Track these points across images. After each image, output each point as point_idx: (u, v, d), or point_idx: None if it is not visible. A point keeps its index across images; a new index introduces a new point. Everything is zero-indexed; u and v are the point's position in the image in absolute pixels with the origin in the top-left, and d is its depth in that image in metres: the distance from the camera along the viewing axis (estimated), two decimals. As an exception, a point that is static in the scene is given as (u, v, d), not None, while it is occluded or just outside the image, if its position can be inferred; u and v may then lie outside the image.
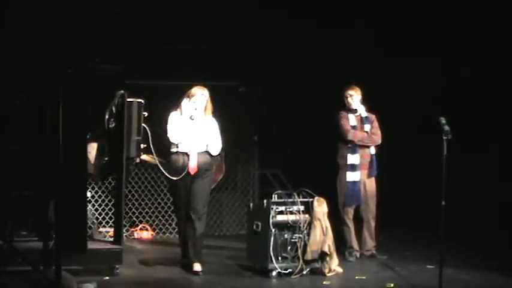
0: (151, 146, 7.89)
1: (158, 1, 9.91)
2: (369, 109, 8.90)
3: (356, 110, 8.82)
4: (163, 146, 7.99)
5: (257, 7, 10.08)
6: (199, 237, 7.92)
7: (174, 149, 7.94)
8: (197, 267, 7.85)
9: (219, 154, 8.08)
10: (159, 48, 9.93)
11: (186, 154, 7.90)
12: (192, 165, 7.86)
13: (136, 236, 10.15)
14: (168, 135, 7.92)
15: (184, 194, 7.94)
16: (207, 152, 7.96)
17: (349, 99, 8.81)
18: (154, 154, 7.90)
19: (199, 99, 7.96)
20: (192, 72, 9.11)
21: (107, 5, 8.94)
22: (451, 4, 9.87)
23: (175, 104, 8.08)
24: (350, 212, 8.80)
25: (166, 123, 7.97)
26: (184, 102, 8.00)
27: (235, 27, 10.10)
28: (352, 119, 8.79)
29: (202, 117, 7.97)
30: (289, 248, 7.82)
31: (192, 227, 7.90)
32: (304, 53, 10.51)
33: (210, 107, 8.03)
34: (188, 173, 7.86)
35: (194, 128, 7.92)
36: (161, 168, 7.96)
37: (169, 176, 7.91)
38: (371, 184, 8.82)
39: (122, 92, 7.81)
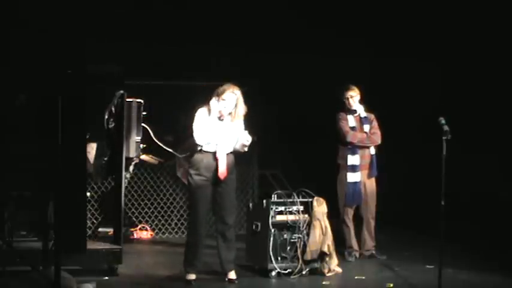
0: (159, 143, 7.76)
1: (158, 1, 9.92)
2: (368, 109, 8.89)
3: (355, 110, 8.81)
4: (187, 143, 7.64)
5: (257, 8, 10.09)
6: (234, 244, 7.65)
7: (199, 147, 7.45)
8: (233, 275, 7.63)
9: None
10: (159, 48, 9.93)
11: (212, 154, 7.45)
12: (222, 169, 7.39)
13: (135, 236, 10.15)
14: (194, 135, 7.43)
15: (208, 199, 7.51)
16: (232, 153, 7.57)
17: (350, 101, 8.77)
18: (170, 148, 7.67)
19: (229, 97, 7.44)
20: (192, 72, 9.12)
21: (106, 5, 8.95)
22: (450, 4, 9.88)
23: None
24: (350, 212, 8.79)
25: (192, 120, 7.46)
26: (213, 101, 7.44)
27: (235, 27, 10.10)
28: (351, 120, 8.77)
29: (231, 119, 7.50)
30: (288, 248, 7.82)
31: (223, 236, 7.56)
32: (303, 54, 10.50)
33: (242, 107, 7.52)
34: (216, 177, 7.43)
35: (222, 130, 7.46)
36: (180, 169, 7.63)
37: (180, 177, 7.63)
38: (371, 184, 8.82)
39: (122, 92, 7.81)
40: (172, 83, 9.44)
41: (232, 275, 7.62)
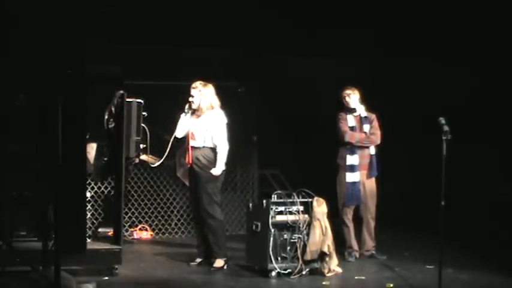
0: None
1: (158, 2, 9.92)
2: (368, 109, 8.88)
3: (355, 109, 8.80)
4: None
5: (256, 8, 10.08)
6: None
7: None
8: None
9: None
10: (159, 49, 9.93)
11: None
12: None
13: (135, 236, 10.15)
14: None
15: None
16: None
17: (347, 99, 8.78)
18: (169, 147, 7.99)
19: (193, 93, 8.20)
20: (192, 72, 9.11)
21: (106, 5, 8.94)
22: (451, 4, 9.88)
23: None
24: (349, 212, 8.79)
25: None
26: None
27: (235, 28, 10.10)
28: (350, 120, 8.76)
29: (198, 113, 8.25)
30: (288, 248, 7.81)
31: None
32: (303, 54, 10.50)
33: (206, 101, 8.20)
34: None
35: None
36: (180, 169, 8.27)
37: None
38: (371, 184, 8.81)
39: (121, 92, 7.81)
40: (172, 83, 9.43)
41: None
